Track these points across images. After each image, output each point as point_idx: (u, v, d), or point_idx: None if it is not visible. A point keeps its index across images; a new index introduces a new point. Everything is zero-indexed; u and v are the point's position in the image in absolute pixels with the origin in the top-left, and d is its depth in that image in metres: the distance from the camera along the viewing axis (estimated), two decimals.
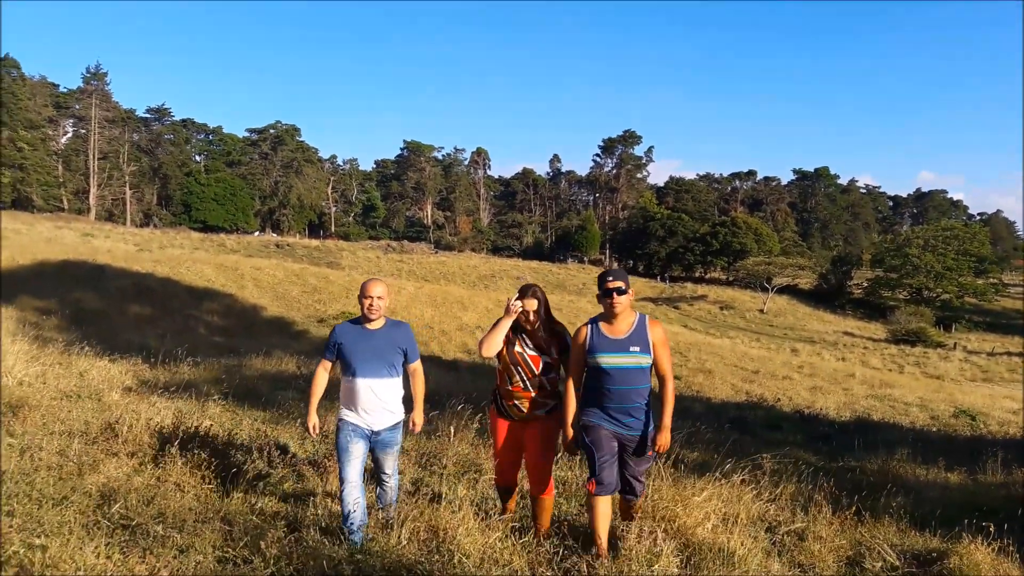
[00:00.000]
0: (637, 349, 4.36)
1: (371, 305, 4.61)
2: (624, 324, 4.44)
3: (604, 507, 4.37)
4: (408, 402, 4.78)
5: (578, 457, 5.79)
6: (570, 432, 4.53)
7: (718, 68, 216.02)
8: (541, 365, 4.66)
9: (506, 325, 4.60)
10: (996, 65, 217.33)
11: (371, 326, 4.67)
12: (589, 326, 4.49)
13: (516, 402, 4.71)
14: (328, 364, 4.76)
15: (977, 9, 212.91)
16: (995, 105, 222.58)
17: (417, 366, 4.82)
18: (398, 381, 4.73)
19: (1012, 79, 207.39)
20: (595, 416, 4.45)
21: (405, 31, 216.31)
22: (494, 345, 4.62)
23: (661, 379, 4.46)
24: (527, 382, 4.67)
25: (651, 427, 4.45)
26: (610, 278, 4.46)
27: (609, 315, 4.44)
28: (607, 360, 4.36)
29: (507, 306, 4.58)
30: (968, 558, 4.53)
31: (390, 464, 4.77)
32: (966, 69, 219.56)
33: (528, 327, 4.67)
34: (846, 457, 8.82)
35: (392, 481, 4.81)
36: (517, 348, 4.69)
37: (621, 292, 4.40)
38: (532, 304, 4.63)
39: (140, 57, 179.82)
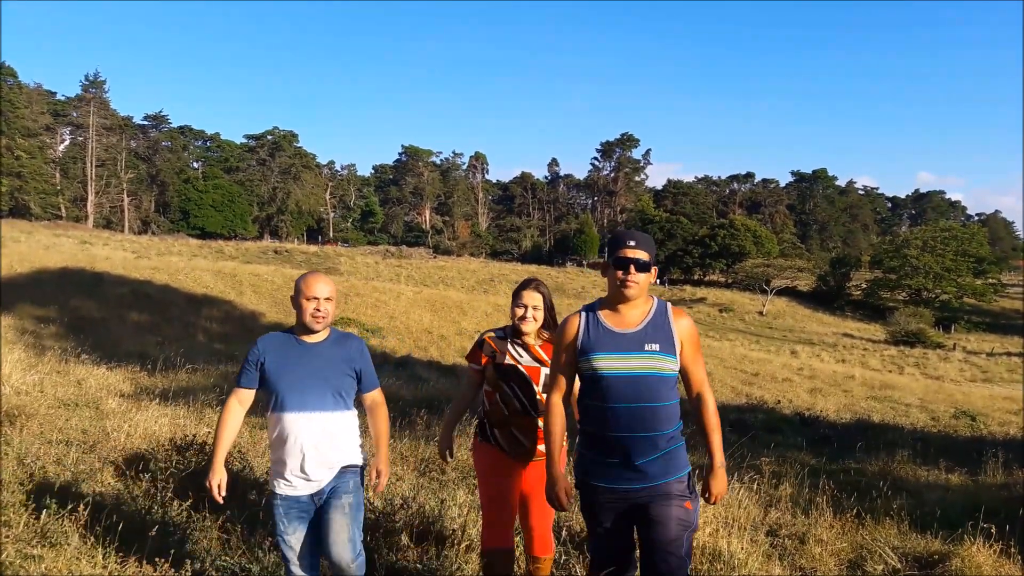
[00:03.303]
0: (656, 347, 2.93)
1: (316, 311, 3.26)
2: (636, 312, 3.01)
3: None
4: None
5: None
6: (560, 477, 3.07)
7: (716, 69, 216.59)
8: (542, 380, 3.61)
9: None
10: (995, 64, 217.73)
11: (310, 339, 3.32)
12: (583, 314, 3.06)
13: (514, 431, 3.62)
14: (245, 394, 3.35)
15: (977, 9, 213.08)
16: (995, 105, 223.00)
17: (377, 396, 3.48)
18: (349, 416, 3.39)
19: (1012, 79, 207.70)
20: (591, 465, 3.04)
21: (402, 36, 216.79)
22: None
23: (697, 397, 3.08)
24: (526, 402, 3.61)
25: (684, 470, 3.05)
26: (630, 242, 2.97)
27: (616, 297, 3.01)
28: (608, 364, 2.93)
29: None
30: (970, 560, 4.51)
31: (341, 528, 3.21)
32: (965, 69, 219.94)
33: (524, 330, 3.66)
34: (846, 459, 8.81)
35: (347, 556, 3.18)
36: (508, 359, 3.66)
37: (642, 266, 2.96)
38: (534, 299, 3.64)
39: (136, 64, 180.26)
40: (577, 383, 3.17)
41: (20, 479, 5.03)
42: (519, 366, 3.64)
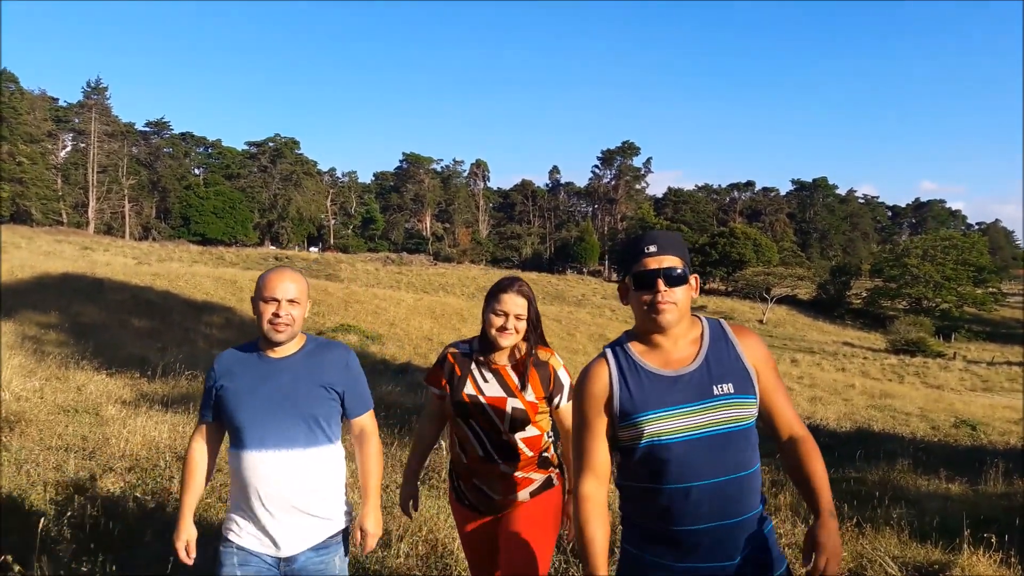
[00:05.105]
0: (729, 388, 2.03)
1: (275, 316, 2.49)
2: (684, 343, 2.10)
3: None
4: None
5: None
6: None
7: (716, 75, 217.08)
8: (509, 413, 2.75)
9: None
10: (996, 70, 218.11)
11: (276, 352, 2.56)
12: (610, 357, 2.12)
13: (477, 482, 2.85)
14: (208, 429, 2.64)
15: (977, 9, 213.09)
16: (996, 112, 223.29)
17: (367, 423, 2.67)
18: (328, 453, 2.57)
19: (1012, 84, 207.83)
20: (650, 571, 2.06)
21: (402, 43, 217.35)
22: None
23: (790, 441, 2.12)
24: (488, 445, 2.79)
25: (783, 562, 2.09)
26: (650, 247, 2.06)
27: (649, 326, 2.08)
28: (665, 426, 2.00)
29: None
30: (970, 570, 4.50)
31: None
32: (966, 73, 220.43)
33: (502, 344, 2.78)
34: (847, 468, 8.78)
35: None
36: (468, 388, 2.81)
37: (675, 279, 2.05)
38: (517, 305, 2.77)
39: (138, 70, 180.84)
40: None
41: (19, 485, 5.02)
42: (481, 398, 2.79)
